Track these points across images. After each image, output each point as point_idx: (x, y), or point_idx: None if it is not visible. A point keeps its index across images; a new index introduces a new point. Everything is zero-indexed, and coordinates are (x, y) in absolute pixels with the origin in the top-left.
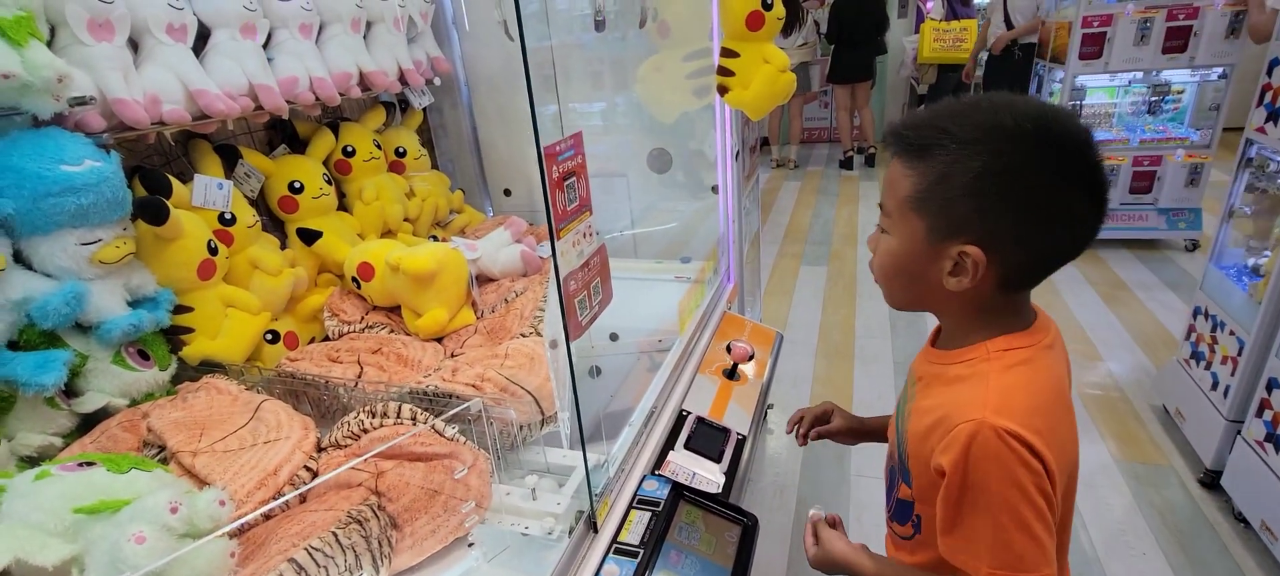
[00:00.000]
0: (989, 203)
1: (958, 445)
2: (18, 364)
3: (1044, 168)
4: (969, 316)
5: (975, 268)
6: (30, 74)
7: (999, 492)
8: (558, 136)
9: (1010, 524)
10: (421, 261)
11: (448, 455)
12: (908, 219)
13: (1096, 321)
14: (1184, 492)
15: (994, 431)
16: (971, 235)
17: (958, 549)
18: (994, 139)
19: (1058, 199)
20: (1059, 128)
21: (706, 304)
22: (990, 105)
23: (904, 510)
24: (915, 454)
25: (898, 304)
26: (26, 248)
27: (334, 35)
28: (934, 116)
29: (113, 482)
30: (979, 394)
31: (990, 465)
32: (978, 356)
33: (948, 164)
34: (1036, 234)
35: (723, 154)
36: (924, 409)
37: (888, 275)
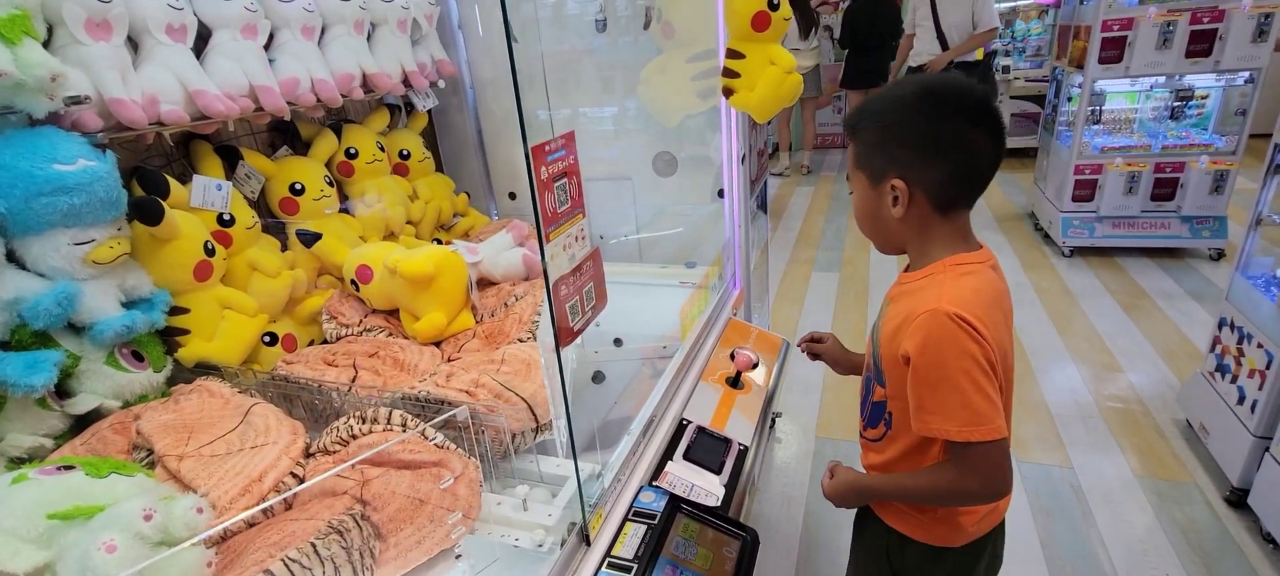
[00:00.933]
0: (894, 145)
1: (919, 331)
2: (7, 364)
3: (926, 112)
4: (923, 240)
5: (903, 194)
6: (23, 72)
7: (956, 363)
8: (548, 136)
9: (969, 387)
10: (419, 264)
11: (436, 463)
12: (857, 178)
13: (1116, 332)
14: (1209, 511)
15: (945, 315)
16: (893, 172)
17: (930, 419)
18: (892, 103)
19: (943, 131)
20: (939, 85)
21: (710, 310)
22: (894, 85)
23: (877, 411)
24: (887, 354)
25: (879, 246)
26: (19, 247)
27: (337, 37)
28: (864, 103)
29: (91, 487)
30: (935, 292)
31: (946, 341)
32: (935, 270)
33: (869, 131)
34: (936, 159)
35: (729, 158)
36: (892, 316)
37: (862, 224)
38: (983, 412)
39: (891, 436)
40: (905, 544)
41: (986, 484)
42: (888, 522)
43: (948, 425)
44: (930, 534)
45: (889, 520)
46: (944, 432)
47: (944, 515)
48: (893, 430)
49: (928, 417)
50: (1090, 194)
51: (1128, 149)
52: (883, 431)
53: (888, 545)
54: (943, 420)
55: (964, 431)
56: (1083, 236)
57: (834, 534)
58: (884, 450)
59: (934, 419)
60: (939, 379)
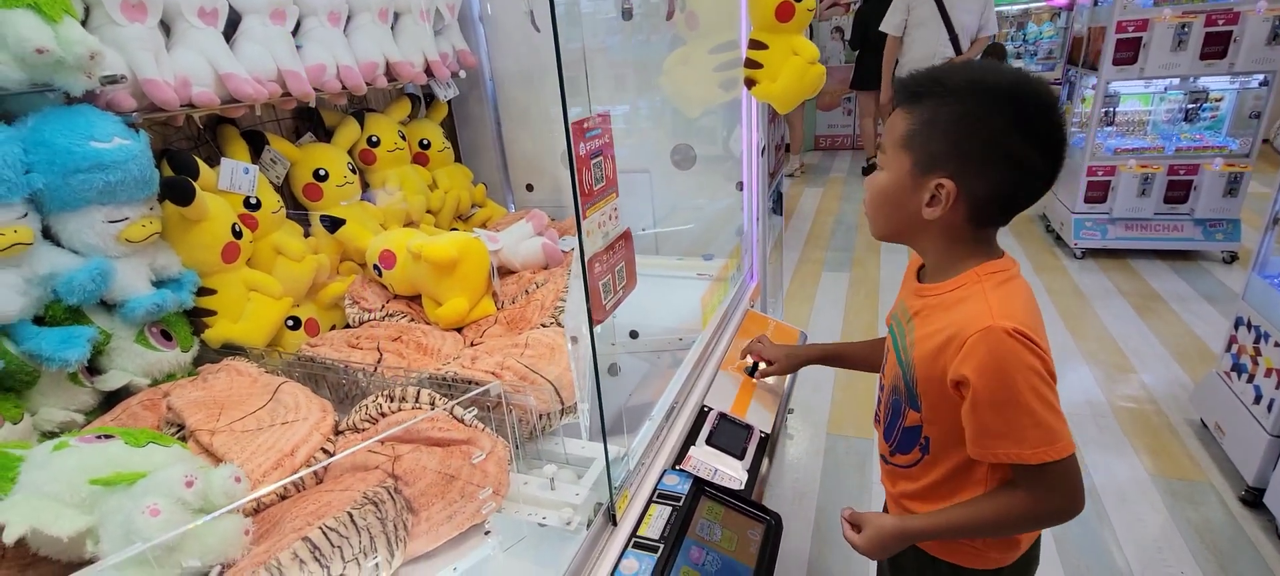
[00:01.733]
0: (962, 141)
1: (977, 352)
2: (42, 338)
3: (1009, 118)
4: (948, 247)
5: (947, 198)
6: (63, 49)
7: (1023, 381)
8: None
9: (1038, 404)
10: (443, 249)
11: (465, 441)
12: (898, 155)
13: (1129, 333)
14: (1224, 510)
15: (1003, 331)
16: (946, 170)
17: (997, 445)
18: (974, 90)
19: (1017, 147)
20: (1028, 90)
21: (729, 301)
22: (978, 67)
23: (910, 437)
24: (926, 376)
25: (881, 233)
26: (55, 223)
27: (362, 25)
28: (933, 71)
29: (130, 456)
30: (981, 307)
31: (1009, 359)
32: (967, 281)
33: (935, 108)
34: (998, 174)
35: (748, 149)
36: (927, 334)
37: (876, 205)
38: (1055, 429)
39: (929, 462)
40: (956, 574)
41: (1068, 501)
42: (931, 552)
43: (1021, 449)
44: (983, 558)
45: (932, 549)
46: (1016, 457)
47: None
48: (930, 455)
49: (993, 443)
50: (1103, 195)
51: (1141, 151)
52: (918, 457)
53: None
54: (1013, 444)
55: (1039, 453)
56: (1095, 238)
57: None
58: (919, 477)
59: (1003, 444)
60: (1006, 400)
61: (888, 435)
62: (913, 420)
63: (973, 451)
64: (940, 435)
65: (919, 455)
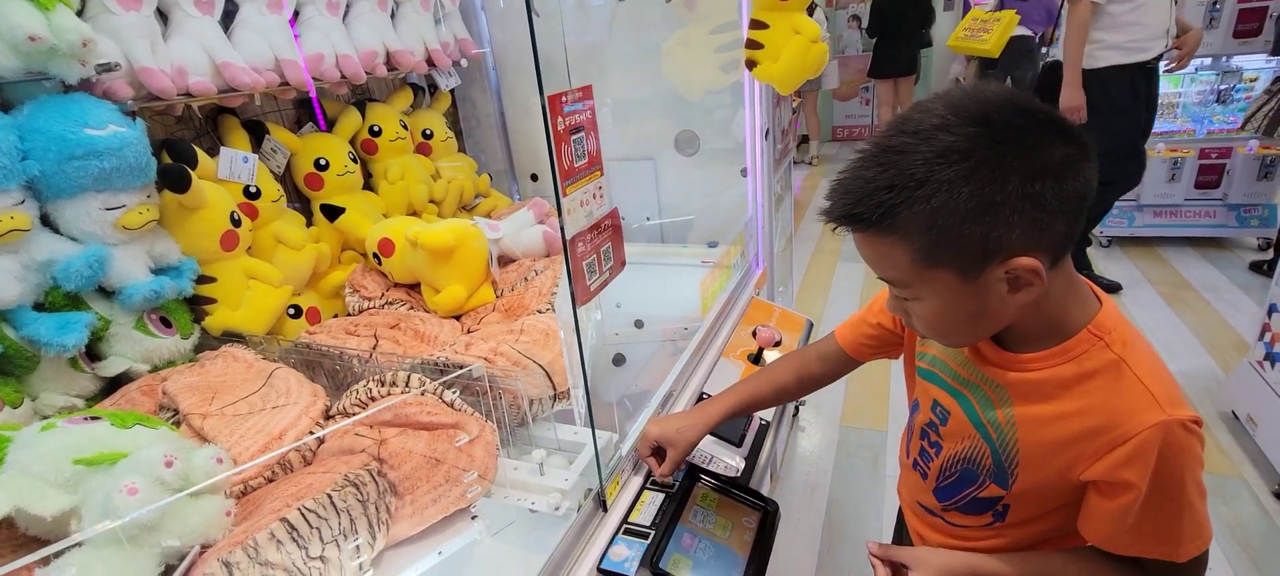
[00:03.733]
0: (1000, 214)
1: (1148, 454)
2: (41, 324)
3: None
4: (1045, 315)
5: (1033, 272)
6: (56, 37)
7: (1192, 478)
8: (565, 86)
9: (1199, 500)
10: (439, 237)
11: (453, 425)
12: (928, 279)
13: (1158, 323)
14: (1257, 506)
15: (1180, 426)
16: (1005, 252)
17: (1142, 543)
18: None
19: (1046, 167)
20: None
21: (732, 288)
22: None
23: (984, 505)
24: (1037, 461)
25: (966, 343)
26: (52, 210)
27: (361, 13)
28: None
29: (115, 437)
30: (1136, 393)
31: (1186, 459)
32: (1088, 349)
33: (932, 213)
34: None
35: (752, 134)
36: (1047, 418)
37: (946, 330)
38: (1205, 521)
39: (1000, 528)
40: None
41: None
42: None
43: (1173, 548)
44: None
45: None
46: (1165, 556)
47: None
48: (1006, 521)
49: (1138, 543)
50: None
51: (1170, 134)
52: (988, 521)
53: None
54: (1163, 544)
55: (1190, 549)
56: (1122, 226)
57: (857, 524)
58: (982, 539)
59: (1150, 544)
60: (1171, 501)
61: (945, 495)
62: (993, 492)
63: (1101, 543)
64: (1025, 506)
65: (990, 519)
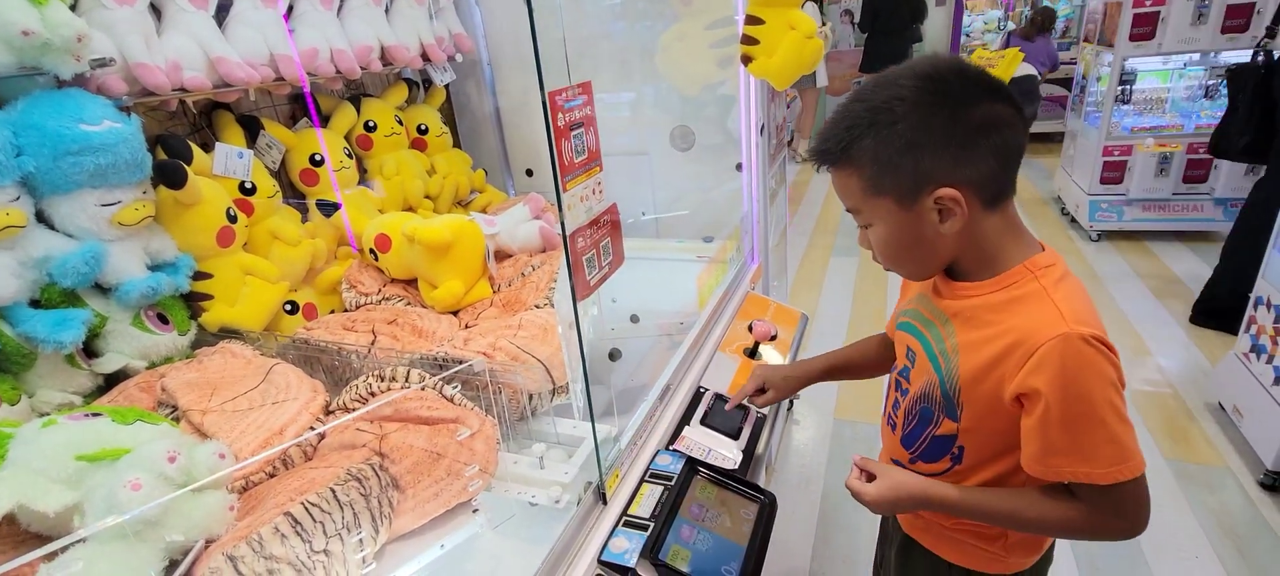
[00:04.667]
0: (922, 150)
1: (1051, 361)
2: (37, 321)
3: (946, 99)
4: (978, 248)
5: (957, 202)
6: (49, 32)
7: (1101, 395)
8: (564, 82)
9: (1113, 419)
10: (436, 232)
11: (453, 420)
12: (878, 205)
13: (1146, 316)
14: (1242, 495)
15: (1082, 339)
16: (930, 183)
17: (1063, 463)
18: (891, 104)
19: (968, 117)
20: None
21: (728, 282)
22: (878, 83)
23: (941, 446)
24: (974, 386)
25: (919, 276)
26: (48, 207)
27: (355, 8)
28: (837, 122)
29: (116, 432)
30: (1049, 312)
31: (1087, 371)
32: (1019, 279)
33: (875, 146)
34: (974, 149)
35: (747, 129)
36: (978, 341)
37: (894, 257)
38: (1129, 446)
39: (960, 472)
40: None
41: (1132, 523)
42: (946, 558)
43: (1091, 469)
44: (1003, 563)
45: (948, 554)
46: (1085, 477)
47: (1019, 541)
48: (963, 465)
49: (1059, 461)
50: (1119, 176)
51: (1159, 129)
52: (947, 466)
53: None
54: (1083, 463)
55: (1112, 472)
56: (1111, 220)
57: (852, 515)
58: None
59: (1069, 462)
60: (1081, 415)
61: (910, 442)
62: (947, 429)
63: (1031, 468)
64: (977, 445)
65: (949, 464)
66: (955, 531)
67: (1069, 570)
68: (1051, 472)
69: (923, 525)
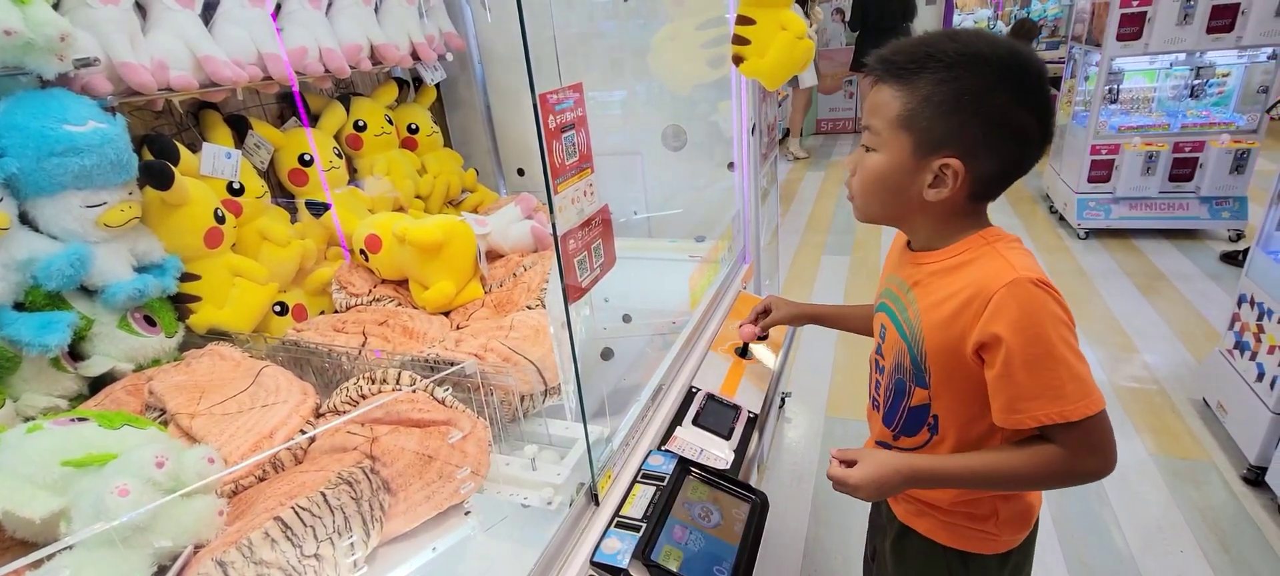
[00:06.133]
0: (969, 119)
1: (1007, 306)
2: (22, 324)
3: (1010, 90)
4: (944, 223)
5: (955, 178)
6: (32, 31)
7: (1056, 333)
8: (555, 82)
9: (1071, 356)
10: (427, 232)
11: (445, 422)
12: (896, 136)
13: (1132, 313)
14: (1226, 489)
15: (1031, 281)
16: (952, 149)
17: (1035, 406)
18: (974, 63)
19: (1018, 119)
20: (1023, 60)
21: (720, 282)
22: (967, 36)
23: (918, 417)
24: (937, 345)
25: (872, 217)
26: (32, 209)
27: (344, 6)
28: (919, 43)
29: (103, 437)
30: (1000, 265)
31: (1040, 311)
32: (972, 246)
33: (933, 85)
34: (1003, 148)
35: (739, 128)
36: (938, 300)
37: (869, 189)
38: (1088, 381)
39: (938, 442)
40: (968, 562)
41: (1104, 457)
42: (942, 542)
43: (1061, 406)
44: (994, 542)
45: (943, 538)
46: (1058, 416)
47: (1008, 515)
48: (939, 434)
49: (1030, 405)
50: (1107, 174)
51: (1146, 128)
52: (926, 438)
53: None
54: (1052, 403)
55: (1079, 407)
56: (1099, 218)
57: (844, 513)
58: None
59: (1041, 404)
60: (1042, 354)
61: (890, 419)
62: (919, 398)
63: (1004, 420)
64: (948, 410)
65: (928, 436)
66: (949, 514)
67: (1057, 564)
68: (1026, 418)
69: (917, 510)
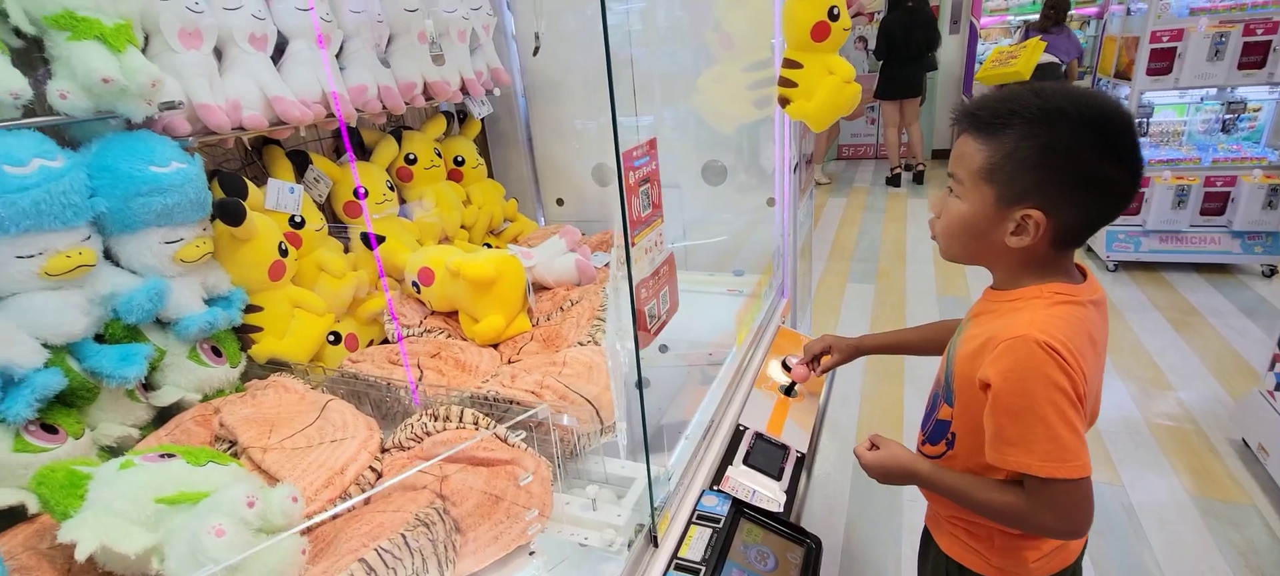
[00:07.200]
0: (1051, 174)
1: (1004, 357)
2: (103, 356)
3: (1096, 146)
4: (1023, 267)
5: (1036, 229)
6: (127, 78)
7: (1044, 394)
8: (635, 141)
9: (1055, 419)
10: (481, 268)
11: (509, 461)
12: (979, 187)
13: (1165, 348)
14: (1268, 533)
15: (1033, 341)
16: (1034, 201)
17: (1009, 451)
18: (1057, 119)
19: (1105, 172)
20: (1110, 112)
21: (762, 318)
22: (1052, 91)
23: (940, 429)
24: (961, 374)
25: (955, 258)
26: (115, 245)
27: (402, 46)
28: (1004, 99)
29: (191, 474)
30: (1025, 318)
31: (1032, 370)
32: (1028, 295)
33: (1016, 140)
34: (1087, 201)
35: (781, 166)
36: (973, 336)
37: (952, 234)
38: (1069, 446)
39: (952, 456)
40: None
41: (1064, 521)
42: (946, 551)
43: (1029, 458)
44: (987, 565)
45: (946, 547)
46: (1024, 466)
47: (1003, 547)
48: (954, 450)
49: (1006, 449)
50: (1136, 207)
51: (1176, 162)
52: (944, 450)
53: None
54: (1024, 453)
55: (1047, 466)
56: (1128, 251)
57: (876, 547)
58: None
59: (1014, 451)
60: (1024, 408)
61: (924, 424)
62: (945, 413)
63: (988, 455)
64: (964, 432)
65: (945, 448)
66: (951, 524)
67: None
68: (1001, 459)
69: (932, 516)
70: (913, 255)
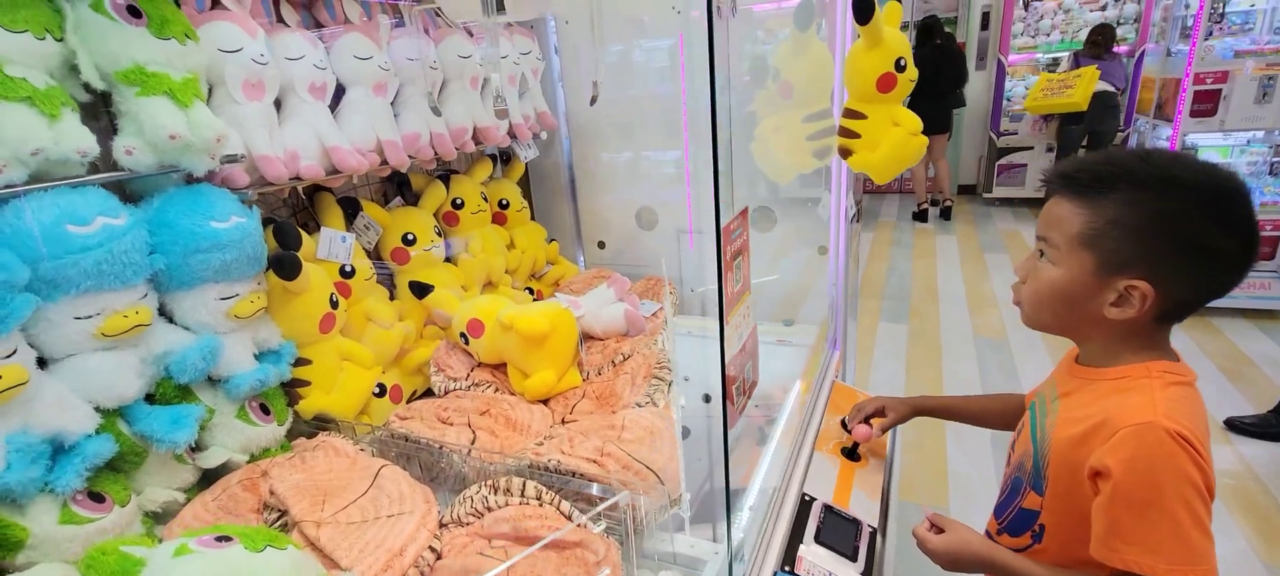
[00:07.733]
0: (1161, 243)
1: (1128, 445)
2: (154, 419)
3: (1209, 216)
4: (1122, 341)
5: (1142, 301)
6: (194, 134)
7: (1175, 490)
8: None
9: (1187, 519)
10: (535, 322)
11: (578, 544)
12: (1076, 254)
13: (1221, 398)
14: None
15: (1166, 431)
16: (1140, 271)
17: (1128, 551)
18: (1169, 186)
19: (1219, 244)
20: (1225, 182)
21: (819, 374)
22: (1162, 158)
23: (1025, 520)
24: (1061, 460)
25: (1041, 326)
26: (170, 301)
27: (454, 93)
28: (1108, 162)
29: (251, 562)
30: (1146, 401)
31: (1163, 461)
32: (1136, 374)
33: (1122, 206)
34: (1198, 273)
35: (837, 215)
36: (1075, 418)
37: (1042, 302)
38: (1198, 549)
39: (1038, 551)
40: None
41: None
42: None
43: (1153, 560)
44: None
45: None
46: (1147, 569)
47: None
48: (1042, 544)
49: (1124, 548)
50: None
51: None
52: (1028, 543)
53: None
54: (1146, 553)
55: (1173, 571)
56: None
57: None
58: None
59: (1133, 550)
60: (1149, 503)
61: (1000, 512)
62: (1032, 503)
63: (1096, 551)
64: (1057, 525)
65: (1030, 541)
66: None
67: None
68: (1115, 558)
69: None
70: (945, 294)
